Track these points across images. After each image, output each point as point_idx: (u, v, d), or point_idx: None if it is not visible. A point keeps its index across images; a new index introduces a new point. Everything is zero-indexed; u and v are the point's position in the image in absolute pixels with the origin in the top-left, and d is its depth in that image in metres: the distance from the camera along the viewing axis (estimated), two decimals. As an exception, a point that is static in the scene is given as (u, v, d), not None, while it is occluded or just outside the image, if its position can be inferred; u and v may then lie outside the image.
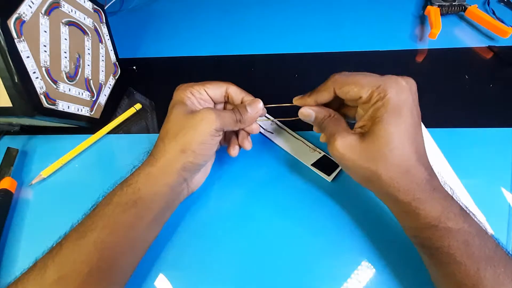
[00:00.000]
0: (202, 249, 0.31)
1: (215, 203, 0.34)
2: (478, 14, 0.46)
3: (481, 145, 0.35)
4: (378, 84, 0.25)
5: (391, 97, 0.24)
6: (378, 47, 0.46)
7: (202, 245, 0.31)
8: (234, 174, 0.35)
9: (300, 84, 0.43)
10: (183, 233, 0.32)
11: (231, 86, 0.31)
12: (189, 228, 0.32)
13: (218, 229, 0.32)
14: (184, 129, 0.27)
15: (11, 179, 0.35)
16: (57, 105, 0.33)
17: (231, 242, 0.31)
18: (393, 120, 0.24)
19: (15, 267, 0.31)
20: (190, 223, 0.32)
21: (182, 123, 0.28)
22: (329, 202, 0.33)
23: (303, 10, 0.52)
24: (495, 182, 0.33)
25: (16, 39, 0.28)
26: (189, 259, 0.31)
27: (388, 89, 0.24)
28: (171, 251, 0.31)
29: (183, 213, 0.33)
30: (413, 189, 0.24)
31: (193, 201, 0.33)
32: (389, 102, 0.24)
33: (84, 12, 0.38)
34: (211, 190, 0.34)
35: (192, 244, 0.31)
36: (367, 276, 0.28)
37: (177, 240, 0.31)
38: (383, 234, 0.30)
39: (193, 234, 0.32)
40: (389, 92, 0.24)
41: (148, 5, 0.56)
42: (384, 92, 0.24)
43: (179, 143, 0.27)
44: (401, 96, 0.24)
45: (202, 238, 0.32)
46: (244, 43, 0.48)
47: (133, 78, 0.46)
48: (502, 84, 0.41)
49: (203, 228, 0.32)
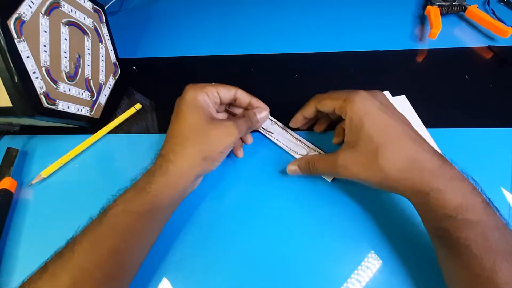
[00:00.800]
0: (204, 250, 0.31)
1: (216, 205, 0.34)
2: (478, 14, 0.46)
3: (481, 145, 0.35)
4: (345, 96, 0.28)
5: (355, 105, 0.27)
6: (378, 47, 0.46)
7: (203, 246, 0.31)
8: (234, 174, 0.35)
9: (300, 84, 0.43)
10: (186, 236, 0.32)
11: (239, 90, 0.33)
12: (190, 230, 0.32)
13: (219, 230, 0.32)
14: (207, 137, 0.28)
15: (11, 179, 0.35)
16: (57, 105, 0.33)
17: (231, 242, 0.31)
18: (369, 125, 0.26)
19: (15, 267, 0.31)
20: (191, 226, 0.32)
21: (204, 130, 0.28)
22: (331, 200, 0.33)
23: (303, 10, 0.52)
24: (495, 182, 0.33)
25: (16, 39, 0.28)
26: (191, 260, 0.30)
27: (354, 98, 0.27)
28: (175, 254, 0.31)
29: (184, 217, 0.33)
30: (427, 178, 0.24)
31: (194, 205, 0.33)
32: (354, 110, 0.27)
33: (84, 12, 0.38)
34: (212, 191, 0.34)
35: (193, 246, 0.31)
36: (367, 275, 0.28)
37: (181, 243, 0.31)
38: (384, 231, 0.30)
39: (194, 236, 0.32)
40: (355, 100, 0.27)
41: (148, 5, 0.56)
42: (351, 101, 0.27)
43: (203, 150, 0.28)
44: (365, 102, 0.27)
45: (203, 239, 0.32)
46: (244, 43, 0.48)
47: (133, 78, 0.46)
48: (502, 84, 0.41)
49: (204, 230, 0.32)
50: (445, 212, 0.23)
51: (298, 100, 0.35)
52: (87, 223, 0.26)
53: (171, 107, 0.31)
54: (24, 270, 0.29)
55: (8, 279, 0.30)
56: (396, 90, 0.40)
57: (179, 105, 0.30)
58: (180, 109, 0.29)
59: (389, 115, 0.27)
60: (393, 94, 0.40)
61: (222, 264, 0.30)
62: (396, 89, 0.40)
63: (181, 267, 0.30)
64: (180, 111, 0.29)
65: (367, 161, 0.26)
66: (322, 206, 0.33)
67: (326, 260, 0.30)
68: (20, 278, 0.26)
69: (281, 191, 0.34)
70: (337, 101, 0.29)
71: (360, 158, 0.27)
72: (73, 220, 0.27)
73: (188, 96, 0.30)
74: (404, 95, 0.40)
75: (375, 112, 0.27)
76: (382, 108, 0.27)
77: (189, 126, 0.28)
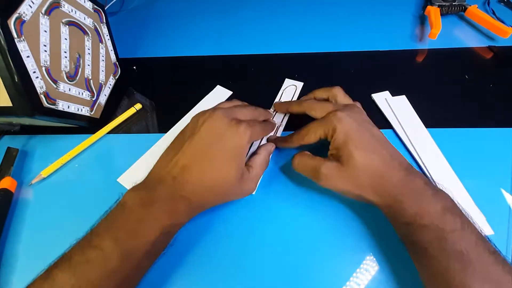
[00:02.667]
0: (202, 251, 0.31)
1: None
2: (478, 14, 0.46)
3: (481, 145, 0.35)
4: (321, 115, 0.30)
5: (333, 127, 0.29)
6: (378, 47, 0.46)
7: (201, 246, 0.31)
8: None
9: (300, 84, 0.43)
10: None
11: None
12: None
13: (210, 231, 0.32)
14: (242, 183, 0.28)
15: (11, 179, 0.35)
16: (57, 105, 0.33)
17: (229, 241, 0.31)
18: (350, 144, 0.28)
19: (15, 267, 0.31)
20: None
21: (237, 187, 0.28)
22: (326, 201, 0.33)
23: (303, 10, 0.52)
24: (495, 182, 0.33)
25: (16, 38, 0.28)
26: (187, 259, 0.30)
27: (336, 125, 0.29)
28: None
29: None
30: (392, 192, 0.26)
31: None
32: (335, 131, 0.28)
33: (84, 12, 0.38)
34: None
35: (190, 246, 0.31)
36: (365, 278, 0.28)
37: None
38: (381, 235, 0.30)
39: (190, 237, 0.32)
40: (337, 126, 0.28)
41: (148, 5, 0.56)
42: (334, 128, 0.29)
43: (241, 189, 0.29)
44: (345, 123, 0.28)
45: (200, 239, 0.32)
46: (244, 43, 0.48)
47: (133, 78, 0.46)
48: (502, 84, 0.41)
49: (203, 231, 0.32)
50: (405, 220, 0.25)
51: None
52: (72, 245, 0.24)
53: (171, 107, 0.31)
54: (24, 270, 0.29)
55: (8, 279, 0.30)
56: (396, 90, 0.40)
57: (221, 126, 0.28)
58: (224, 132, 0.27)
59: (364, 132, 0.29)
60: (393, 94, 0.40)
61: (215, 266, 0.30)
62: (396, 89, 0.40)
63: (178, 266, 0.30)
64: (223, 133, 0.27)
65: (346, 175, 0.28)
66: (319, 209, 0.32)
67: (323, 264, 0.29)
68: (20, 278, 0.26)
69: (275, 193, 0.33)
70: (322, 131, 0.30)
71: (341, 172, 0.28)
72: (73, 220, 0.27)
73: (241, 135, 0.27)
74: (404, 95, 0.40)
75: (353, 132, 0.28)
76: (358, 128, 0.29)
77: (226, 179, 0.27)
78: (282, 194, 0.34)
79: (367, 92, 0.40)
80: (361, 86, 0.42)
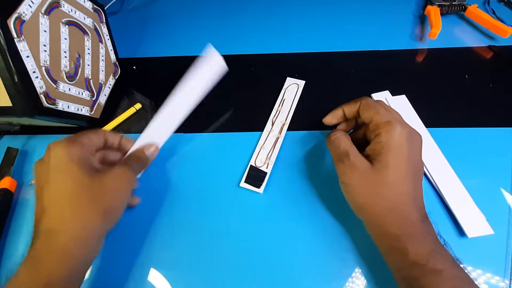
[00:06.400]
0: (194, 245, 0.31)
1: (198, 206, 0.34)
2: (478, 13, 0.46)
3: (481, 145, 0.35)
4: (387, 119, 0.27)
5: (390, 136, 0.26)
6: (378, 47, 0.46)
7: (193, 241, 0.31)
8: (229, 171, 0.35)
9: (300, 84, 0.43)
10: (173, 229, 0.32)
11: (105, 130, 0.31)
12: (182, 224, 0.32)
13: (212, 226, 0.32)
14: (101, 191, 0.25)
15: (11, 178, 0.35)
16: (57, 104, 0.33)
17: (228, 240, 0.31)
18: (392, 158, 0.26)
19: (15, 267, 0.30)
20: (183, 219, 0.32)
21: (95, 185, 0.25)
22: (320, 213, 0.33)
23: (303, 10, 0.52)
24: (495, 182, 0.33)
25: (16, 38, 0.28)
26: (183, 257, 0.30)
27: (396, 126, 0.26)
28: (159, 248, 0.31)
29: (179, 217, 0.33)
30: (404, 224, 0.25)
31: (183, 208, 0.33)
32: (387, 139, 0.26)
33: (84, 12, 0.38)
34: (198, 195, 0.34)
35: (184, 240, 0.31)
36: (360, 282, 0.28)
37: (165, 237, 0.31)
38: (369, 248, 0.30)
39: (183, 230, 0.32)
40: (396, 130, 0.26)
41: (148, 5, 0.56)
42: (393, 128, 0.26)
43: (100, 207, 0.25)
44: (399, 139, 0.26)
45: (192, 234, 0.32)
46: (244, 43, 0.48)
47: (133, 78, 0.46)
48: (502, 84, 0.41)
49: (192, 224, 0.32)
50: (415, 259, 0.24)
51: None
52: None
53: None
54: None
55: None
56: (396, 90, 0.40)
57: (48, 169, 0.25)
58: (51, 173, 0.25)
59: (411, 160, 0.26)
60: (393, 94, 0.40)
61: (212, 255, 0.30)
62: (396, 89, 0.40)
63: (169, 261, 0.30)
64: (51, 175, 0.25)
65: (369, 180, 0.26)
66: (308, 223, 0.32)
67: (312, 275, 0.29)
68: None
69: (262, 203, 0.33)
70: (379, 118, 0.27)
71: (367, 173, 0.26)
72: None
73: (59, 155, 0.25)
74: (404, 95, 0.39)
75: (403, 148, 0.26)
76: (407, 154, 0.26)
77: (72, 187, 0.24)
78: (270, 206, 0.34)
79: (367, 91, 0.40)
80: (361, 86, 0.42)
